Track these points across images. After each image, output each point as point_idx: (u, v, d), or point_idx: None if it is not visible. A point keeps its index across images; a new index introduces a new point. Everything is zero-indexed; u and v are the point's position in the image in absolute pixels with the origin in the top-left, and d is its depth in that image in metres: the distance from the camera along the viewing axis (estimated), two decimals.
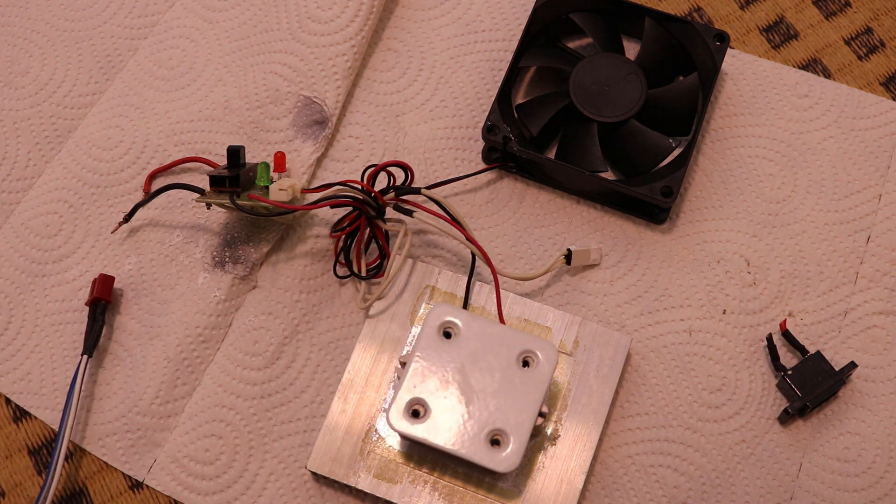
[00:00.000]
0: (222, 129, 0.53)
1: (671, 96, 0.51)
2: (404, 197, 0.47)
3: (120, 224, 0.50)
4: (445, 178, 0.50)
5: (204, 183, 0.49)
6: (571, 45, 0.54)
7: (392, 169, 0.48)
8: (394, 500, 0.44)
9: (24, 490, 0.47)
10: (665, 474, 0.45)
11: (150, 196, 0.50)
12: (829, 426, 0.46)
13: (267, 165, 0.48)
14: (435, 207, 0.47)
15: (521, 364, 0.42)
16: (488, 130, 0.49)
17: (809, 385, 0.45)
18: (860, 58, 0.54)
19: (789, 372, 0.45)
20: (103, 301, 0.48)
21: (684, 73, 0.52)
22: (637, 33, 0.53)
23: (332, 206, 0.47)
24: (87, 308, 0.48)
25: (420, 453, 0.44)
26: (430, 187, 0.49)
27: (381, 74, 0.54)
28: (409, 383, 0.42)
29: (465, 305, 0.47)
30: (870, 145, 0.51)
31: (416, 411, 0.42)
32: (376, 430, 0.45)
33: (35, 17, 0.56)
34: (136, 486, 0.46)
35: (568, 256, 0.48)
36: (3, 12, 0.57)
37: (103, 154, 0.52)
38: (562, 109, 0.50)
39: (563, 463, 0.44)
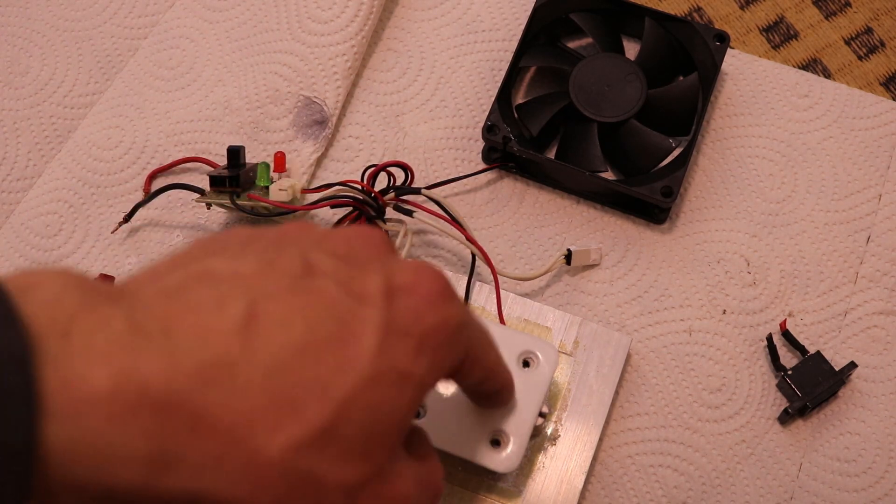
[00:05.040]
0: (222, 130, 0.53)
1: (671, 96, 0.51)
2: (404, 197, 0.47)
3: (120, 224, 0.50)
4: (445, 178, 0.50)
5: (204, 183, 0.49)
6: (571, 45, 0.54)
7: (392, 169, 0.48)
8: None
9: None
10: (665, 474, 0.45)
11: (150, 196, 0.50)
12: (829, 426, 0.46)
13: (267, 165, 0.48)
14: (435, 207, 0.46)
15: (522, 365, 0.42)
16: (488, 130, 0.49)
17: (809, 385, 0.45)
18: (860, 58, 0.54)
19: (789, 372, 0.45)
20: None
21: (684, 73, 0.52)
22: (637, 33, 0.53)
23: (332, 207, 0.47)
24: None
25: None
26: (430, 187, 0.49)
27: (381, 74, 0.54)
28: None
29: None
30: (870, 145, 0.51)
31: (416, 413, 0.42)
32: None
33: (35, 17, 0.56)
34: None
35: (568, 256, 0.48)
36: (3, 12, 0.57)
37: (103, 154, 0.52)
38: (562, 109, 0.50)
39: (563, 463, 0.44)
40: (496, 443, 0.41)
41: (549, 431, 0.44)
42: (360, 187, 0.47)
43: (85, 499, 0.22)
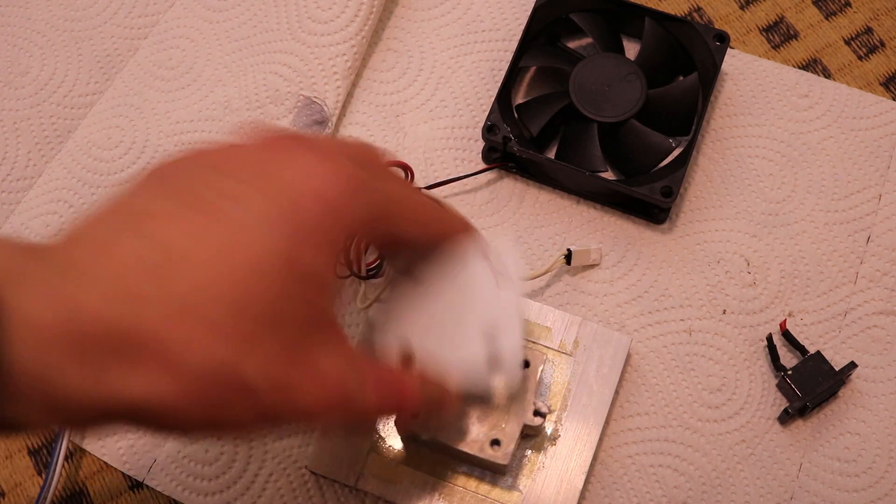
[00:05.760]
0: (222, 130, 0.53)
1: (671, 96, 0.51)
2: None
3: None
4: (445, 178, 0.50)
5: None
6: (571, 45, 0.54)
7: (392, 169, 0.48)
8: (394, 501, 0.44)
9: (24, 490, 0.47)
10: (665, 474, 0.45)
11: None
12: (829, 426, 0.46)
13: None
14: None
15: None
16: (488, 130, 0.49)
17: (809, 385, 0.45)
18: (860, 58, 0.54)
19: (789, 372, 0.45)
20: None
21: (684, 73, 0.52)
22: (637, 33, 0.53)
23: None
24: None
25: (420, 453, 0.44)
26: (430, 187, 0.49)
27: (380, 74, 0.54)
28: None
29: None
30: (870, 145, 0.51)
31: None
32: (376, 430, 0.45)
33: (35, 18, 0.56)
34: (136, 486, 0.46)
35: (568, 256, 0.48)
36: (3, 12, 0.57)
37: (103, 154, 0.52)
38: (562, 109, 0.50)
39: (563, 463, 0.44)
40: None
41: (549, 431, 0.44)
42: None
43: (45, 413, 0.26)
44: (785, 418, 0.45)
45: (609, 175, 0.50)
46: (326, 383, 0.30)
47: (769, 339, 0.47)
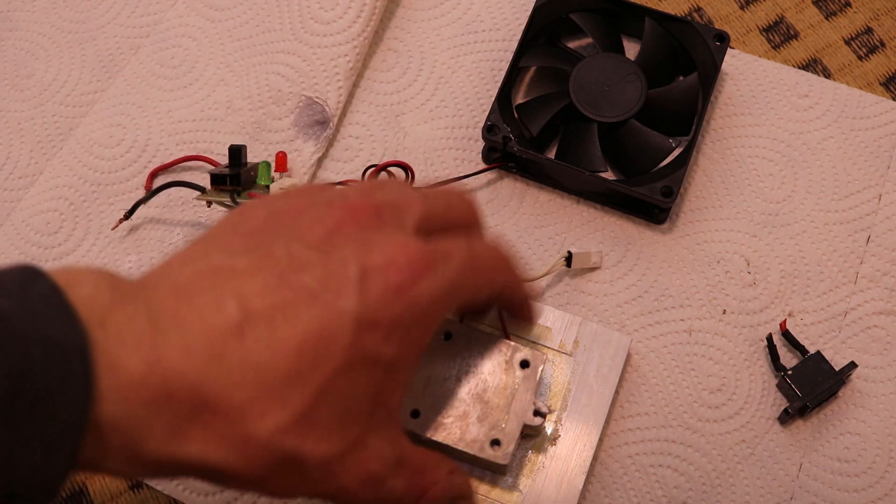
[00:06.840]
0: (224, 129, 0.53)
1: (671, 96, 0.51)
2: None
3: (120, 221, 0.50)
4: (445, 178, 0.50)
5: (205, 181, 0.49)
6: (571, 45, 0.54)
7: (392, 169, 0.48)
8: None
9: None
10: (665, 474, 0.45)
11: (150, 193, 0.50)
12: (829, 426, 0.45)
13: (268, 165, 0.48)
14: None
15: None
16: (488, 130, 0.49)
17: (809, 385, 0.45)
18: (860, 58, 0.54)
19: (789, 372, 0.45)
20: None
21: (684, 73, 0.52)
22: (637, 33, 0.53)
23: None
24: None
25: None
26: (430, 187, 0.49)
27: (381, 74, 0.54)
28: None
29: None
30: (870, 145, 0.51)
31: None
32: None
33: (41, 20, 0.56)
34: (136, 486, 0.46)
35: (568, 259, 0.48)
36: (11, 17, 0.57)
37: (105, 152, 0.53)
38: (562, 109, 0.50)
39: (563, 463, 0.44)
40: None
41: (549, 431, 0.44)
42: None
43: (119, 462, 0.27)
44: (785, 418, 0.45)
45: (609, 175, 0.50)
46: (369, 468, 0.31)
47: (769, 339, 0.47)
